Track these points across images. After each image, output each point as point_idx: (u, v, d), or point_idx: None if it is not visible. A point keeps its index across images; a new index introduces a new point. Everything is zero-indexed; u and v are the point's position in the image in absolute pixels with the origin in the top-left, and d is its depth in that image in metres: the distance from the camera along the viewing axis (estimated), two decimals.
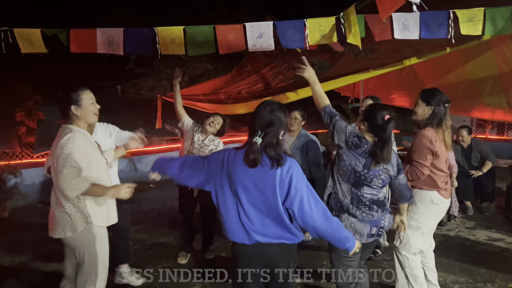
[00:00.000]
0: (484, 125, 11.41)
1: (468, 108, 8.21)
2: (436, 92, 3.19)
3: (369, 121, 2.70)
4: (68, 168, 2.59)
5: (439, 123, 3.14)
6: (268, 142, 2.22)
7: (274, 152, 2.21)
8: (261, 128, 2.22)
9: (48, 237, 5.17)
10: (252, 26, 3.49)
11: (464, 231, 5.27)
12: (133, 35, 3.60)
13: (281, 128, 2.27)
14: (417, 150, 3.15)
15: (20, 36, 3.62)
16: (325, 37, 3.49)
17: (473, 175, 6.03)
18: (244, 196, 2.25)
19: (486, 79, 7.13)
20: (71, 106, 2.68)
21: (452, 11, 3.45)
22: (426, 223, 3.23)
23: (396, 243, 3.34)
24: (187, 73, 8.82)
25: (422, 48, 4.94)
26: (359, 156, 2.65)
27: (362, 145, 2.66)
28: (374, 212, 2.71)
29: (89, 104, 2.74)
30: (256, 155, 2.18)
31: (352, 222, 2.70)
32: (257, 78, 6.78)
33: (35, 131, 7.11)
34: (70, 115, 2.71)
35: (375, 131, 2.66)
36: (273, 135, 2.24)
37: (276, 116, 2.25)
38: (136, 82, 8.92)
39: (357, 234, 2.71)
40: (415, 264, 3.28)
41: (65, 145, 2.59)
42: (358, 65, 5.64)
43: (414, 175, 3.18)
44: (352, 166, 2.66)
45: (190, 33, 3.53)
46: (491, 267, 4.12)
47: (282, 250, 2.30)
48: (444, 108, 3.13)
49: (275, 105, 2.31)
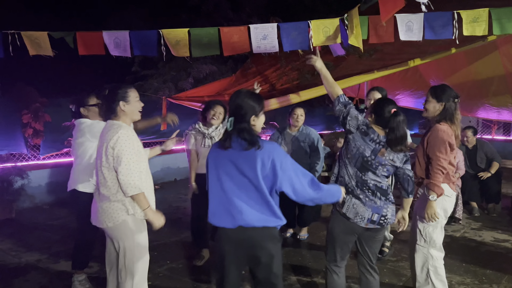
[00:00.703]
0: (490, 125, 11.35)
1: (474, 108, 8.20)
2: (446, 88, 3.23)
3: (376, 113, 2.83)
4: (130, 164, 2.69)
5: (451, 119, 3.18)
6: (240, 127, 2.35)
7: (248, 134, 2.34)
8: (231, 114, 2.39)
9: (54, 238, 5.26)
10: (257, 28, 3.51)
11: (470, 232, 5.25)
12: (139, 37, 3.63)
13: (250, 113, 2.38)
14: (437, 145, 3.11)
15: (28, 38, 3.67)
16: (330, 38, 3.50)
17: (482, 177, 6.00)
18: (227, 181, 2.37)
19: (491, 80, 7.11)
20: (119, 102, 2.76)
21: (456, 12, 3.44)
22: (441, 213, 3.24)
23: (420, 242, 3.32)
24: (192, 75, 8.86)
25: (427, 49, 4.93)
26: (369, 141, 2.77)
27: (369, 134, 2.78)
28: (377, 199, 2.80)
29: (135, 101, 2.84)
30: (224, 137, 2.39)
31: (355, 203, 2.80)
32: (261, 80, 6.79)
33: (42, 133, 7.15)
34: (117, 111, 2.78)
35: (382, 123, 2.80)
36: (243, 120, 2.37)
37: (244, 102, 2.38)
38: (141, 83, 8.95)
39: (358, 216, 2.80)
40: (439, 263, 3.31)
41: (119, 141, 2.67)
42: (363, 66, 5.64)
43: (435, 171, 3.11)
44: (361, 151, 2.78)
45: (194, 35, 3.55)
46: (497, 268, 4.10)
47: (265, 234, 2.38)
48: (454, 104, 3.18)
49: (244, 92, 2.46)
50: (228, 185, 2.37)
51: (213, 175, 2.43)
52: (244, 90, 2.49)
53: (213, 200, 2.44)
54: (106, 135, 2.74)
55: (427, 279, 3.32)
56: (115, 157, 2.69)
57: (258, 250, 2.40)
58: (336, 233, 2.92)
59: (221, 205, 2.40)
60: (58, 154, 7.79)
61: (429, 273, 3.30)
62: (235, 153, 2.36)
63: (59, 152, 7.72)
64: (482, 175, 6.00)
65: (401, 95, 8.48)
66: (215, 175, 2.42)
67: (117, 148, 2.68)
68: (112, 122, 2.79)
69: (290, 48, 3.57)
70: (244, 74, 7.16)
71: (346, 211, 2.81)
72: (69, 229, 5.75)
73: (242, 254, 2.44)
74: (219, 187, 2.40)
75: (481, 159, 6.25)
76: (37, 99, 7.19)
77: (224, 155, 2.39)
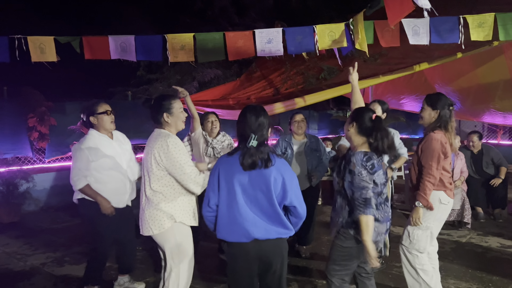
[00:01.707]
0: (495, 130, 11.29)
1: (480, 113, 8.14)
2: (441, 96, 3.28)
3: (358, 122, 2.72)
4: (189, 168, 2.78)
5: (446, 126, 3.23)
6: (261, 141, 2.40)
7: (267, 152, 2.38)
8: (253, 132, 2.38)
9: (59, 242, 5.27)
10: (262, 33, 3.52)
11: (476, 238, 5.21)
12: (144, 42, 3.65)
13: (268, 129, 2.47)
14: (429, 154, 3.16)
15: (33, 43, 3.69)
16: (335, 42, 3.50)
17: (494, 184, 5.94)
18: (242, 197, 2.38)
19: (497, 84, 7.06)
20: (163, 113, 2.85)
21: (462, 17, 3.43)
22: (434, 222, 3.27)
23: (405, 242, 3.36)
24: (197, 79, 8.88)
25: (432, 53, 4.92)
26: (379, 169, 2.64)
27: (373, 159, 2.64)
28: (387, 207, 2.79)
29: (179, 112, 2.91)
30: (255, 158, 2.35)
31: (376, 226, 2.68)
32: (266, 84, 6.80)
33: (47, 137, 7.19)
34: (161, 122, 2.87)
35: (365, 132, 2.69)
36: (263, 136, 2.42)
37: (262, 118, 2.43)
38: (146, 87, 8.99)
39: (380, 235, 2.73)
40: (424, 260, 3.33)
41: (174, 149, 2.74)
42: (368, 70, 5.63)
43: (425, 182, 3.15)
44: (380, 182, 2.66)
45: (200, 40, 3.57)
46: (503, 275, 4.06)
47: (278, 244, 2.44)
48: (449, 111, 3.23)
49: (259, 108, 2.49)
50: (242, 199, 2.38)
51: (224, 188, 2.42)
52: (259, 106, 2.51)
53: (224, 214, 2.42)
54: (155, 143, 2.79)
55: (418, 278, 3.33)
56: (177, 166, 2.75)
57: (273, 260, 2.45)
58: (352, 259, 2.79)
59: (233, 219, 2.40)
60: (63, 158, 7.83)
61: (418, 273, 3.32)
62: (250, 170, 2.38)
63: (64, 156, 7.76)
64: (494, 182, 5.94)
65: (406, 99, 8.45)
66: (226, 188, 2.41)
67: (176, 157, 2.74)
68: (160, 131, 2.87)
69: (295, 52, 3.57)
70: (248, 78, 7.17)
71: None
72: (74, 232, 5.77)
73: (255, 266, 2.48)
74: (231, 200, 2.39)
75: (487, 164, 6.21)
76: (42, 103, 7.24)
77: (238, 169, 2.38)
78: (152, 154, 2.78)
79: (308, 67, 6.51)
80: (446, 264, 4.32)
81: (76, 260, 4.67)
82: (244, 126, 2.42)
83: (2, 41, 3.61)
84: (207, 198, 2.49)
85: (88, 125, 3.57)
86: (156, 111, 2.87)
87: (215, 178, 2.45)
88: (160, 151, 2.75)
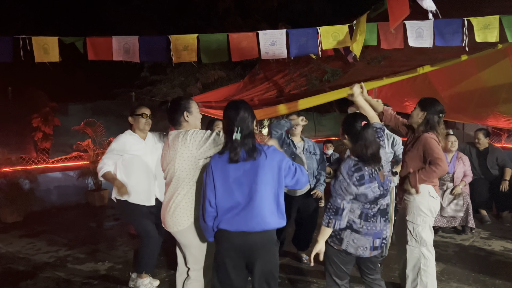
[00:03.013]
0: (500, 133, 11.22)
1: (484, 116, 8.10)
2: (433, 101, 3.38)
3: (349, 133, 2.70)
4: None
5: (432, 130, 3.32)
6: (246, 133, 2.45)
7: (251, 144, 2.44)
8: (236, 125, 2.44)
9: (62, 242, 5.28)
10: (265, 34, 3.52)
11: (479, 241, 5.18)
12: (148, 43, 3.66)
13: (252, 121, 2.52)
14: (433, 150, 3.24)
15: (37, 44, 3.71)
16: (339, 43, 3.50)
17: (505, 188, 5.86)
18: (237, 190, 2.43)
19: (501, 87, 7.02)
20: (184, 112, 2.86)
21: (466, 19, 3.43)
22: (428, 213, 3.36)
23: (411, 243, 3.42)
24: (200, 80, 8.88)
25: (436, 56, 4.90)
26: (371, 182, 2.60)
27: (363, 170, 2.60)
28: (378, 223, 2.69)
29: (197, 111, 2.95)
30: (239, 149, 2.43)
31: (355, 238, 2.65)
32: (269, 85, 6.80)
33: (51, 137, 7.23)
34: (181, 121, 2.87)
35: (356, 140, 2.65)
36: (248, 129, 2.47)
37: (243, 111, 2.49)
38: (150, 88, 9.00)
39: (360, 249, 2.66)
40: (431, 263, 3.40)
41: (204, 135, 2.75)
42: (371, 72, 5.62)
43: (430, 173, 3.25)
44: (373, 195, 2.62)
45: (203, 41, 3.58)
46: (506, 279, 4.03)
47: (267, 236, 2.47)
48: (438, 117, 3.33)
49: (239, 102, 2.57)
50: (239, 194, 2.44)
51: (219, 186, 2.47)
52: (239, 101, 2.62)
53: (222, 209, 2.47)
54: (174, 141, 2.77)
55: (416, 279, 3.41)
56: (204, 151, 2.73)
57: (262, 252, 2.47)
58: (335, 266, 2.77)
59: (227, 211, 2.46)
60: (67, 158, 7.85)
61: (419, 273, 3.39)
62: (242, 163, 2.44)
63: (68, 156, 7.78)
64: (504, 186, 5.87)
65: (410, 102, 8.42)
66: (222, 185, 2.46)
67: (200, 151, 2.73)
68: (179, 131, 2.85)
69: (299, 54, 3.57)
70: (252, 80, 7.17)
71: (346, 247, 2.66)
72: (77, 233, 5.78)
73: (243, 258, 2.50)
74: (228, 197, 2.45)
75: (492, 164, 6.13)
76: (47, 104, 7.28)
77: (231, 165, 2.45)
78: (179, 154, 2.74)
79: (311, 69, 6.51)
80: (448, 267, 4.30)
81: (79, 261, 4.68)
82: (227, 122, 2.50)
83: (7, 41, 3.63)
84: (207, 199, 2.52)
85: (129, 125, 3.81)
86: (175, 111, 2.86)
87: (210, 178, 2.49)
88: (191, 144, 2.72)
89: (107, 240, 5.45)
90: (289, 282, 4.04)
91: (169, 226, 2.87)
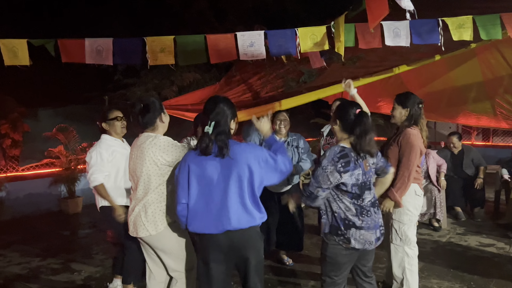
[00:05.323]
0: (469, 131, 11.56)
1: (454, 114, 8.31)
2: (410, 95, 3.43)
3: (342, 119, 2.67)
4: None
5: (416, 123, 3.38)
6: (220, 130, 2.40)
7: (224, 140, 2.38)
8: (211, 119, 2.40)
9: (34, 252, 5.08)
10: (243, 35, 3.49)
11: (456, 237, 5.29)
12: (122, 45, 3.56)
13: (229, 117, 2.46)
14: (408, 149, 3.27)
15: (5, 46, 3.53)
16: (317, 45, 3.50)
17: (478, 186, 6.05)
18: (211, 187, 2.39)
19: (471, 86, 7.21)
20: (161, 114, 2.79)
21: (441, 19, 3.49)
22: (414, 212, 3.41)
23: (396, 241, 3.45)
24: (175, 83, 8.74)
25: (409, 56, 4.98)
26: (355, 169, 2.59)
27: (349, 157, 2.59)
28: (374, 214, 2.69)
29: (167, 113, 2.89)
30: (208, 142, 2.37)
31: (361, 234, 2.62)
32: (245, 88, 6.76)
33: (20, 144, 6.97)
34: (157, 123, 2.78)
35: (350, 128, 2.63)
36: (223, 124, 2.43)
37: (221, 106, 2.44)
38: (124, 92, 8.79)
39: (367, 243, 2.64)
40: (414, 262, 3.44)
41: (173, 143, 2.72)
42: (347, 73, 5.65)
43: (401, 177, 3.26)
44: (355, 182, 2.60)
45: (180, 43, 3.50)
46: (484, 274, 4.12)
47: (250, 234, 2.44)
48: (419, 109, 3.38)
49: (219, 97, 2.54)
50: (212, 190, 2.39)
51: (194, 182, 2.41)
52: (221, 96, 2.57)
53: (196, 207, 2.42)
54: (145, 145, 2.70)
55: (403, 279, 3.44)
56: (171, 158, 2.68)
57: (247, 250, 2.45)
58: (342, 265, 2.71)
59: (205, 211, 2.41)
60: (38, 165, 7.58)
61: (405, 273, 3.42)
62: (216, 158, 2.40)
63: (39, 163, 7.52)
64: (478, 184, 6.06)
65: (383, 102, 8.55)
66: (197, 182, 2.41)
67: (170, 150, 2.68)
68: (147, 134, 2.77)
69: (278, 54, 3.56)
70: (228, 82, 7.12)
71: (355, 244, 2.62)
72: (50, 242, 5.58)
73: (228, 257, 2.46)
74: (202, 193, 2.41)
75: (466, 165, 6.33)
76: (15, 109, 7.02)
77: (205, 161, 2.40)
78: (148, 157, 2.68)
79: (288, 70, 6.52)
80: (427, 264, 4.36)
81: (54, 271, 4.51)
82: (204, 115, 2.47)
83: None
84: (178, 196, 2.47)
85: (101, 131, 3.69)
86: (153, 111, 2.76)
87: (185, 175, 2.43)
88: (157, 152, 2.67)
89: (82, 249, 5.28)
90: (272, 286, 4.01)
91: (141, 231, 2.77)
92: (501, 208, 6.41)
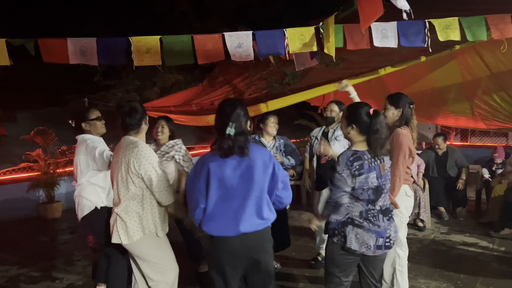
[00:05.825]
0: (448, 131, 11.78)
1: (434, 115, 8.45)
2: (401, 95, 3.42)
3: (357, 122, 2.60)
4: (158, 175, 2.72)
5: (407, 123, 3.37)
6: (240, 131, 2.38)
7: (244, 141, 2.37)
8: (231, 120, 2.37)
9: (13, 260, 4.89)
10: (231, 36, 3.44)
11: (440, 237, 5.36)
12: (107, 45, 3.46)
13: (246, 121, 2.45)
14: (399, 149, 3.23)
15: None
16: (306, 46, 3.48)
17: (459, 187, 6.15)
18: (231, 191, 2.36)
19: (450, 87, 7.34)
20: (146, 118, 2.80)
21: (427, 21, 3.52)
22: (405, 213, 3.40)
23: None
24: (157, 84, 8.62)
25: (393, 58, 5.02)
26: (370, 172, 2.55)
27: (363, 159, 2.55)
28: (381, 222, 2.61)
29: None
30: (231, 144, 2.34)
31: (358, 233, 2.57)
32: (229, 89, 6.71)
33: None
34: (141, 127, 2.79)
35: (367, 129, 2.57)
36: (243, 125, 2.42)
37: (239, 109, 2.42)
38: (104, 94, 8.62)
39: (364, 245, 2.57)
40: (404, 263, 3.46)
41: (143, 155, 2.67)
42: (331, 75, 5.67)
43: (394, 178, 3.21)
44: (369, 186, 2.55)
45: (167, 43, 3.43)
46: (469, 272, 4.17)
47: (263, 236, 2.44)
48: (410, 109, 3.38)
49: (235, 99, 2.55)
50: (232, 193, 2.37)
51: (214, 186, 2.37)
52: (237, 99, 2.61)
53: (213, 209, 2.39)
54: (126, 151, 2.69)
55: (393, 280, 3.45)
56: (143, 172, 2.66)
57: (260, 252, 2.44)
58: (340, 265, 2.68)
59: (222, 214, 2.38)
60: (16, 169, 7.33)
61: (395, 274, 3.43)
62: (236, 161, 2.37)
63: (17, 167, 7.28)
64: (460, 185, 6.16)
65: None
66: (217, 185, 2.37)
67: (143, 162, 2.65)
68: (130, 138, 2.74)
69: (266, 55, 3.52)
70: (211, 83, 7.06)
71: (350, 243, 2.57)
72: (29, 249, 5.39)
73: (240, 261, 2.43)
74: (221, 196, 2.38)
75: (450, 166, 6.43)
76: None
77: (225, 164, 2.37)
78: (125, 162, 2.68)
79: (271, 72, 6.49)
80: (414, 264, 4.38)
81: (33, 279, 4.35)
82: (221, 118, 2.41)
83: None
84: (195, 200, 2.43)
85: (78, 131, 3.57)
86: (139, 114, 2.77)
87: (204, 179, 2.39)
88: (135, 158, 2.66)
89: (63, 255, 5.12)
90: None
91: (115, 237, 2.74)
92: (482, 207, 6.53)
